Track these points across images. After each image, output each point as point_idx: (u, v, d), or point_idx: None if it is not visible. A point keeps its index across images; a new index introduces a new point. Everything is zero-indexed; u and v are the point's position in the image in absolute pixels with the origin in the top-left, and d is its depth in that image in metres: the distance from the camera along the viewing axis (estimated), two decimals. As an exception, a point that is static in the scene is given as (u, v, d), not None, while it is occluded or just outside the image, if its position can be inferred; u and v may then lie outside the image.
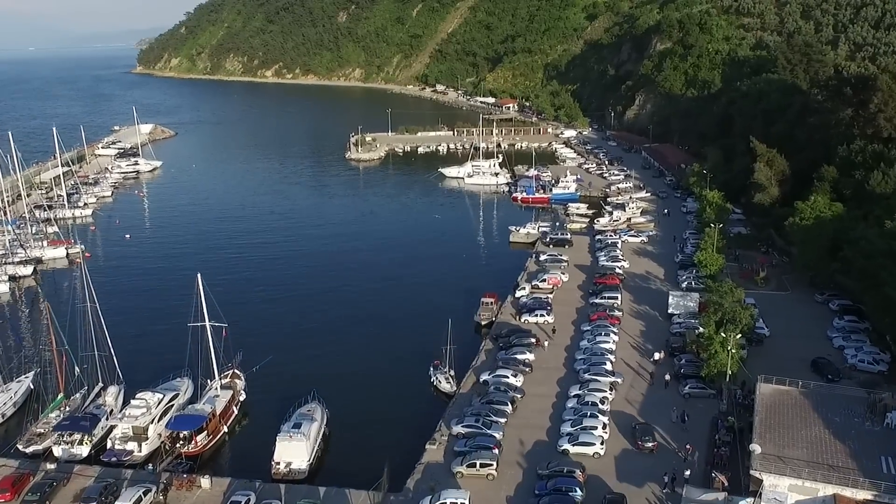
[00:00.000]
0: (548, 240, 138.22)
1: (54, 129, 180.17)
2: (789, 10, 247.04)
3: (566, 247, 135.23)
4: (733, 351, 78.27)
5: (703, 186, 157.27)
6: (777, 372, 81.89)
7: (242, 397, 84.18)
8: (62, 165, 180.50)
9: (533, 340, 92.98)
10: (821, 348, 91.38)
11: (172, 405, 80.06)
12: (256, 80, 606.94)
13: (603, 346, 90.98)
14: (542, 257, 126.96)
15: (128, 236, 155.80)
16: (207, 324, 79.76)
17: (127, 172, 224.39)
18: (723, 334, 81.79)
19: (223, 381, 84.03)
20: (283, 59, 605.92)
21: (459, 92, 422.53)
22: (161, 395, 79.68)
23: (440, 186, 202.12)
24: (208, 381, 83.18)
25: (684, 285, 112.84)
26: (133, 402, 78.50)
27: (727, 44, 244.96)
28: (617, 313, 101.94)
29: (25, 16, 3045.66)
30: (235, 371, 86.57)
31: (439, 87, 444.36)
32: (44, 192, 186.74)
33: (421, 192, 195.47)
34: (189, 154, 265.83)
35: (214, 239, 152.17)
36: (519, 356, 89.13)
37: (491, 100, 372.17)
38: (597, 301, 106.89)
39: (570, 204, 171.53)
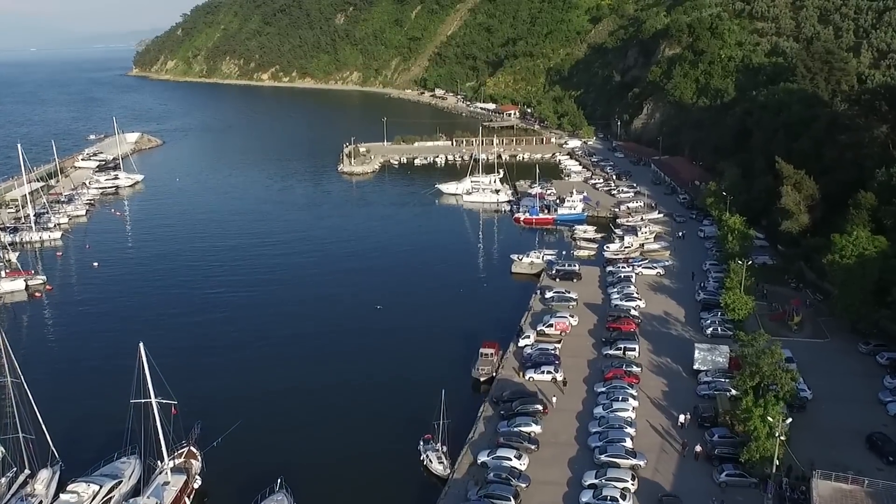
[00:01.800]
0: (554, 271, 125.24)
1: (19, 145, 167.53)
2: (806, 13, 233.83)
3: (574, 280, 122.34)
4: (781, 437, 65.36)
5: (722, 208, 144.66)
6: (826, 448, 70.11)
7: (197, 484, 71.26)
8: (32, 182, 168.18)
9: (539, 408, 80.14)
10: (874, 417, 78.67)
11: (112, 497, 67.36)
12: (252, 83, 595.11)
13: (621, 414, 78.10)
14: (548, 294, 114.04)
15: (96, 264, 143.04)
16: (153, 400, 66.94)
17: (105, 187, 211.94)
18: (763, 408, 69.23)
19: (176, 463, 71.25)
20: (280, 61, 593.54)
21: (459, 97, 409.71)
22: (98, 486, 67.00)
23: (437, 204, 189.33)
24: (158, 462, 70.28)
25: (709, 331, 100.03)
26: (63, 496, 65.95)
27: (740, 50, 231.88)
28: (635, 369, 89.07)
29: (27, 16, 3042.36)
30: (191, 449, 73.79)
31: (438, 92, 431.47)
32: (14, 210, 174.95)
33: (416, 211, 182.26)
34: (174, 166, 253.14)
35: (185, 275, 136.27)
36: (524, 428, 76.37)
37: (491, 106, 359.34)
38: (611, 353, 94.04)
39: (576, 226, 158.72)
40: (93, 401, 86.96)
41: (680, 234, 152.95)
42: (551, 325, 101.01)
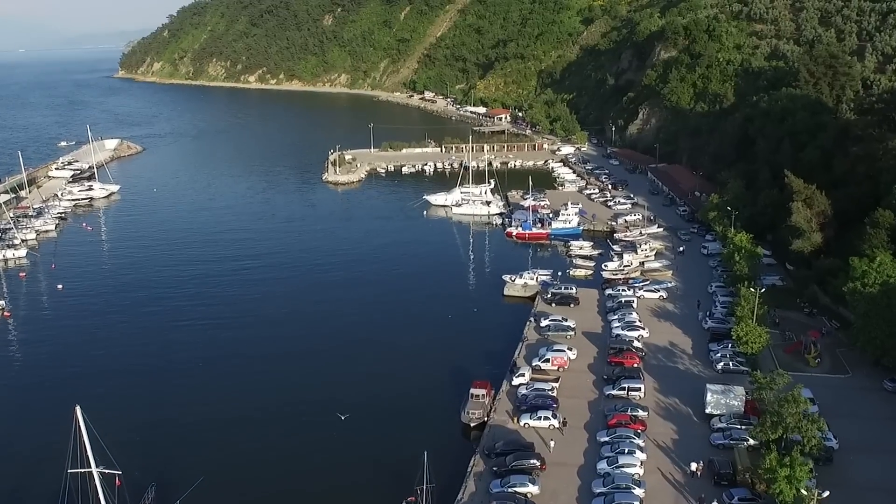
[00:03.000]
0: (549, 295, 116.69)
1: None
2: (806, 15, 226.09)
3: (571, 305, 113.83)
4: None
5: (726, 224, 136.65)
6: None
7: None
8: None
9: (536, 463, 71.56)
10: (910, 471, 70.45)
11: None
12: (239, 85, 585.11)
13: (627, 471, 69.69)
14: (544, 322, 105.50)
15: (60, 287, 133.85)
16: (94, 470, 58.16)
17: (79, 199, 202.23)
18: (789, 467, 61.23)
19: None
20: (267, 63, 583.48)
21: (449, 100, 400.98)
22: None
23: (424, 216, 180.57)
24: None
25: (720, 366, 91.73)
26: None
27: (739, 53, 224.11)
28: (641, 414, 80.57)
29: (16, 16, 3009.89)
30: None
31: (427, 95, 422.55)
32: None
33: (403, 226, 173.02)
34: (153, 175, 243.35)
35: (151, 303, 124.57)
36: (519, 488, 67.90)
37: (482, 109, 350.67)
38: (614, 393, 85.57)
39: (571, 242, 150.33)
40: (23, 468, 76.87)
41: (680, 248, 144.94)
42: (548, 360, 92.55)
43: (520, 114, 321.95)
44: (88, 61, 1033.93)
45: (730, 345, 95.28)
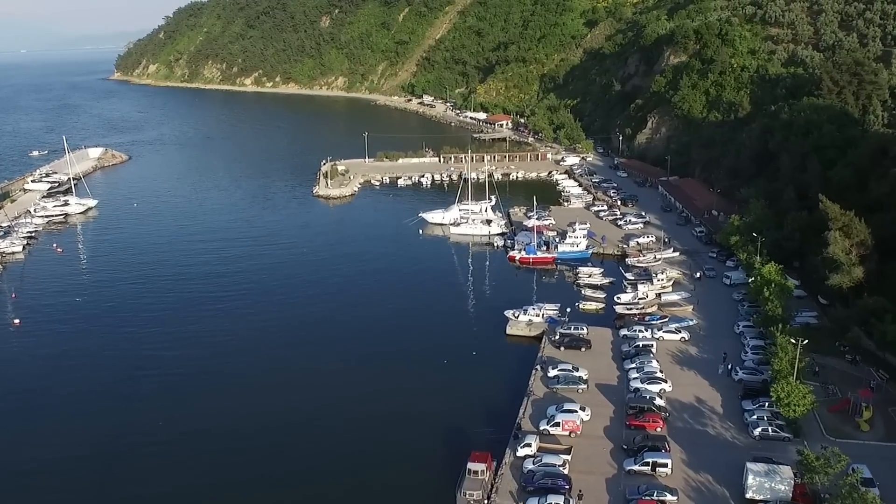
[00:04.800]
0: (557, 337, 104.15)
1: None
2: (825, 19, 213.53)
3: (582, 349, 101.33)
4: None
5: (751, 251, 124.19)
6: None
7: None
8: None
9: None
10: None
11: None
12: (235, 88, 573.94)
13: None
14: (552, 372, 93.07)
15: (17, 321, 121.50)
16: None
17: (53, 215, 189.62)
18: None
19: None
20: (263, 66, 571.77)
21: (448, 105, 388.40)
22: None
23: (420, 236, 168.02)
24: None
25: (757, 431, 79.18)
26: None
27: (754, 59, 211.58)
28: (669, 499, 68.10)
29: (19, 17, 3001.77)
30: None
31: (426, 99, 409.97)
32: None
33: (396, 247, 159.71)
34: (135, 187, 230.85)
35: (114, 345, 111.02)
36: None
37: (482, 115, 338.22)
38: (636, 469, 73.06)
39: (580, 267, 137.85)
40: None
41: (697, 274, 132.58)
42: (558, 424, 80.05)
43: (522, 120, 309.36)
44: (86, 63, 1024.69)
45: (766, 403, 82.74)
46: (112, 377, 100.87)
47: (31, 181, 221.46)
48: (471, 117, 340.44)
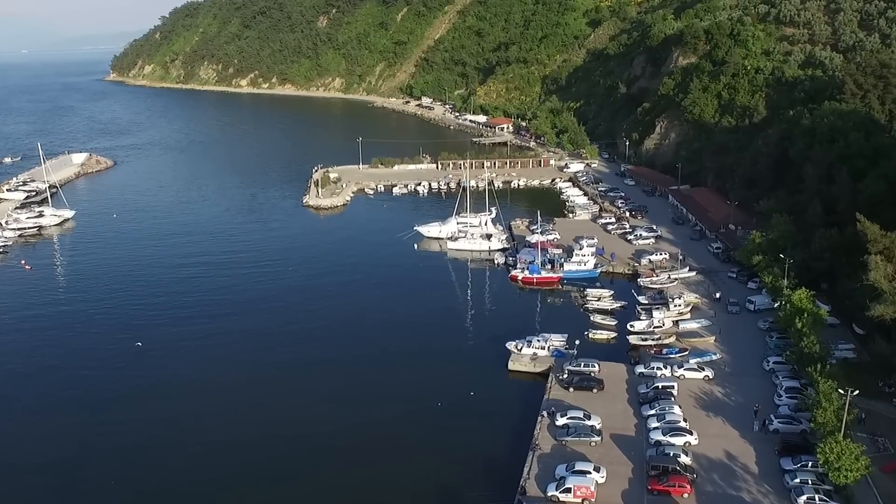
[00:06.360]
0: (565, 376, 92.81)
1: None
2: (844, 18, 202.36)
3: (594, 391, 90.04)
4: None
5: (777, 273, 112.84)
6: None
7: None
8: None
9: None
10: None
11: None
12: (231, 89, 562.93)
13: None
14: (561, 421, 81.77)
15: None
16: None
17: (26, 228, 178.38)
18: None
19: None
20: (259, 67, 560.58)
21: (447, 107, 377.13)
22: None
23: (415, 251, 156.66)
24: None
25: (802, 501, 67.83)
26: None
27: (768, 60, 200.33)
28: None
29: (20, 18, 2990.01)
30: None
31: (425, 101, 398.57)
32: None
33: (389, 266, 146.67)
34: (118, 196, 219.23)
35: (70, 388, 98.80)
36: None
37: (482, 118, 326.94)
38: (662, 551, 61.94)
39: (588, 289, 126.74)
40: None
41: (717, 294, 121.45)
42: (569, 490, 68.82)
43: (523, 123, 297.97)
44: (84, 63, 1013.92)
45: (809, 463, 71.52)
46: (71, 422, 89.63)
47: (7, 190, 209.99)
48: (470, 120, 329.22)
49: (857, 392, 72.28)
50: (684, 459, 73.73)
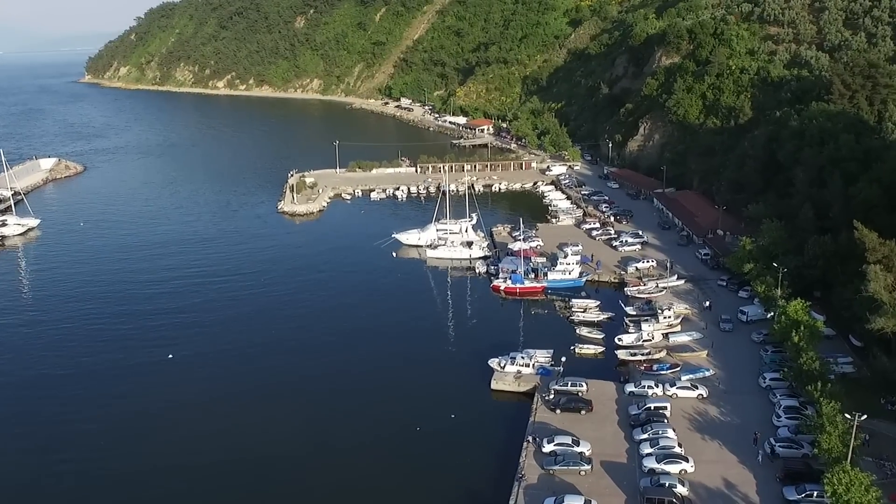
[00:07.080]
0: (552, 396, 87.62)
1: None
2: (829, 17, 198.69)
3: (582, 412, 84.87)
4: None
5: (770, 283, 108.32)
6: None
7: None
8: None
9: None
10: None
11: None
12: (208, 91, 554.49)
13: None
14: (548, 447, 76.51)
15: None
16: None
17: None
18: None
19: None
20: (236, 68, 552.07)
21: (426, 108, 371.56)
22: None
23: (394, 259, 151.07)
24: None
25: (808, 537, 63.10)
26: None
27: (753, 60, 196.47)
28: None
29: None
30: None
31: (404, 102, 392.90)
32: None
33: (365, 275, 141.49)
34: (86, 202, 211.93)
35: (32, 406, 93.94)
36: None
37: (462, 120, 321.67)
38: None
39: (573, 300, 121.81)
40: None
41: (707, 303, 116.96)
42: (557, 529, 63.63)
43: (504, 125, 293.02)
44: (61, 65, 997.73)
45: (815, 493, 66.74)
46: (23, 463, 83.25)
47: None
48: (450, 122, 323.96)
49: (864, 416, 67.47)
50: (681, 490, 68.79)
